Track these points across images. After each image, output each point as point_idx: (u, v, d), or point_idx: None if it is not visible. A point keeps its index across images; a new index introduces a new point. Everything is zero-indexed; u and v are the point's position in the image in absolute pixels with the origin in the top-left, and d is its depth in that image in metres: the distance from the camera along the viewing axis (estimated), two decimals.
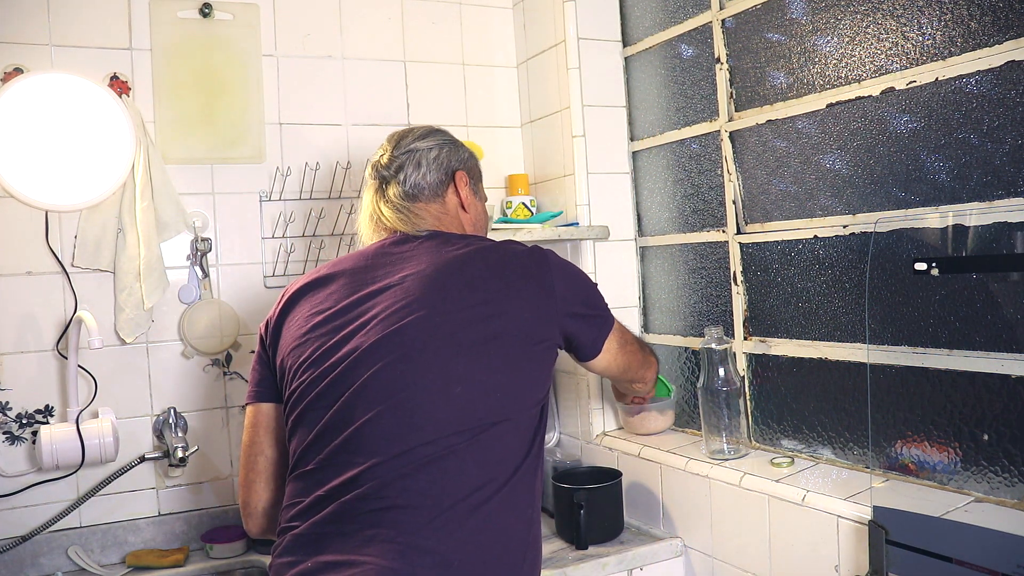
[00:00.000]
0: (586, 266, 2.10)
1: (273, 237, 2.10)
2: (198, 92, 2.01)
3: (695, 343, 1.99)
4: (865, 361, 1.51)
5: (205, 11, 2.02)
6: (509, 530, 1.17)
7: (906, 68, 1.45)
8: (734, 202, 1.84)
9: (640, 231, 2.17)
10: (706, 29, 1.89)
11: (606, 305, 1.42)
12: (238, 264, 2.07)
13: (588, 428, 2.11)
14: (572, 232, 2.04)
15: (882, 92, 1.49)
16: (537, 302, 1.26)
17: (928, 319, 1.41)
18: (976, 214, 1.33)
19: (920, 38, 1.43)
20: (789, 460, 1.65)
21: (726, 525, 1.64)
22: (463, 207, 1.45)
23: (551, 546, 1.76)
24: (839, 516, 1.39)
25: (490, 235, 1.55)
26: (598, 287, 1.41)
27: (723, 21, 1.83)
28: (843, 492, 1.44)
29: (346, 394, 1.19)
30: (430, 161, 1.43)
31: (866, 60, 1.53)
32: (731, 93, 1.84)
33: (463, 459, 1.15)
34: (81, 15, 1.91)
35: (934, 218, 1.39)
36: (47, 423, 1.85)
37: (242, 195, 2.07)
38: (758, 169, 1.79)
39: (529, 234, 2.00)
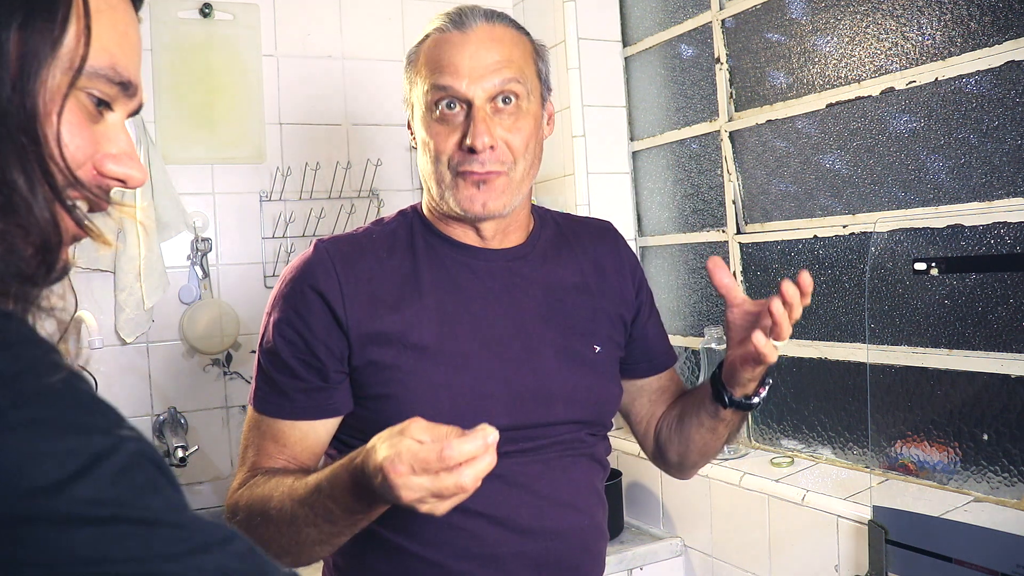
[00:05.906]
0: None
1: (273, 237, 2.10)
2: (198, 92, 2.01)
3: (695, 343, 1.99)
4: (865, 361, 1.51)
5: (205, 11, 2.02)
6: None
7: (906, 68, 1.45)
8: (734, 202, 1.84)
9: (640, 231, 2.17)
10: (706, 29, 1.89)
11: None
12: (238, 264, 2.06)
13: None
14: None
15: (882, 92, 1.49)
16: None
17: (928, 319, 1.41)
18: (976, 214, 1.33)
19: (920, 38, 1.43)
20: (789, 460, 1.65)
21: (726, 525, 1.64)
22: None
23: None
24: (839, 516, 1.39)
25: None
26: None
27: (723, 21, 1.83)
28: (843, 492, 1.44)
29: None
30: None
31: (866, 60, 1.53)
32: (731, 93, 1.84)
33: None
34: None
35: (934, 218, 1.39)
36: None
37: (242, 195, 2.07)
38: (758, 169, 1.79)
39: None
